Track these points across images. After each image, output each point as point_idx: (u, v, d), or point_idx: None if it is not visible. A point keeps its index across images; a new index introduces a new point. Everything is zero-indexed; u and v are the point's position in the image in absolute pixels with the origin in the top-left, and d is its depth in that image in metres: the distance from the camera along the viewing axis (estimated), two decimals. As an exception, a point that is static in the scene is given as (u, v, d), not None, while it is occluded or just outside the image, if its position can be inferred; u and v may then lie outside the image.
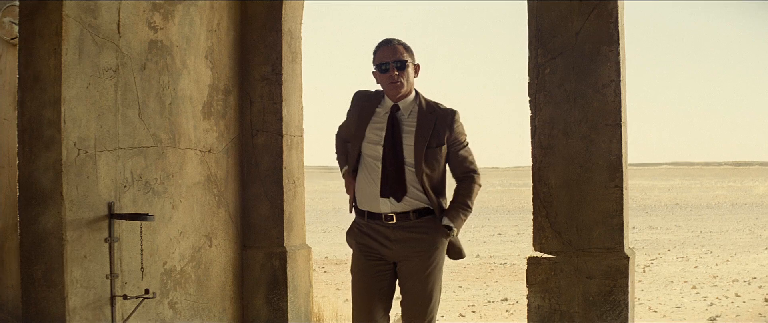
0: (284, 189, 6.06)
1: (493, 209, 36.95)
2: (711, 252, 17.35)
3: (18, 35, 4.80)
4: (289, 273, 6.02)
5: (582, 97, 5.31)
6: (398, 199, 4.40)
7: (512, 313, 9.60)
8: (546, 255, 5.39)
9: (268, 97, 6.07)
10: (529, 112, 5.50)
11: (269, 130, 6.07)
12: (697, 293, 11.22)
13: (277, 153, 6.06)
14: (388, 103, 4.54)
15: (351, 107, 4.63)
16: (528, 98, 5.49)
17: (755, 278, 12.66)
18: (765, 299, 10.37)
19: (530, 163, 5.57)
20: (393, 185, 4.40)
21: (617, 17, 5.34)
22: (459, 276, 13.26)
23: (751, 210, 38.05)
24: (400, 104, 4.50)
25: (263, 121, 6.08)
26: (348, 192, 4.62)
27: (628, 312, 5.31)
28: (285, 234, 6.06)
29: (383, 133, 4.46)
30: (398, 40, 4.58)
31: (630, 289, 5.35)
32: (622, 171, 5.31)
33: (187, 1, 5.56)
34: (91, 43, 4.74)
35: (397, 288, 4.64)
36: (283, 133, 6.06)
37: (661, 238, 21.44)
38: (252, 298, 6.09)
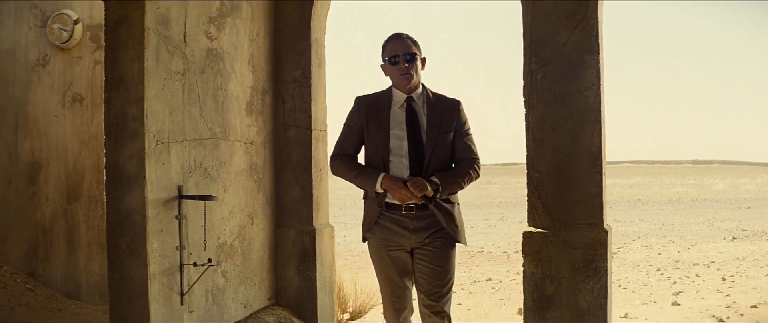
0: (312, 176, 7.04)
1: (464, 205, 38.01)
2: (673, 242, 18.52)
3: (64, 41, 5.60)
4: (317, 248, 7.00)
5: (568, 98, 6.33)
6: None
7: (497, 290, 10.64)
8: (538, 230, 6.41)
9: (298, 97, 7.05)
10: (524, 110, 6.52)
11: (299, 125, 7.04)
12: (662, 274, 12.35)
13: (307, 145, 7.04)
14: (401, 96, 4.75)
15: (356, 112, 4.79)
16: (522, 98, 6.51)
17: (714, 262, 13.83)
18: (722, 279, 11.51)
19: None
20: (417, 174, 4.58)
21: (598, 31, 6.38)
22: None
23: (710, 205, 39.38)
24: (414, 95, 4.73)
25: (294, 118, 7.05)
26: (396, 190, 4.57)
27: (607, 277, 6.36)
28: (313, 214, 7.04)
29: (405, 126, 4.65)
30: (406, 34, 4.77)
31: (609, 258, 6.40)
32: (601, 160, 6.35)
33: (234, 14, 6.51)
34: (164, 50, 5.68)
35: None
36: (312, 127, 7.04)
37: (626, 230, 22.58)
38: (285, 270, 7.06)
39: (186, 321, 5.83)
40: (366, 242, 4.88)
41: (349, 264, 13.19)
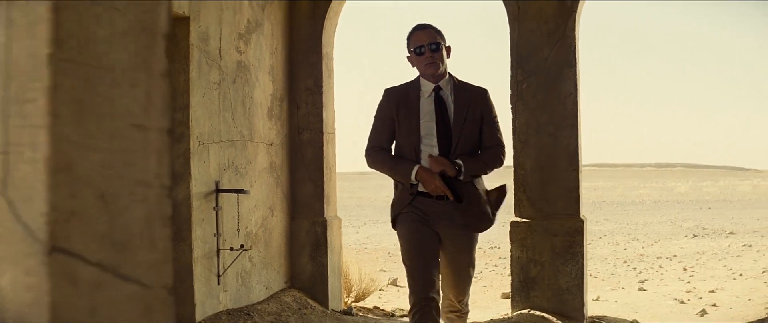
0: (324, 174, 7.95)
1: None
2: (638, 239, 19.60)
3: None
4: (328, 237, 7.91)
5: (549, 105, 7.30)
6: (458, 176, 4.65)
7: (479, 279, 11.63)
8: (524, 220, 7.37)
9: (311, 104, 7.96)
10: (511, 116, 7.48)
11: (312, 128, 7.96)
12: (628, 266, 13.39)
13: (319, 146, 7.95)
14: (429, 85, 4.80)
15: (386, 104, 4.85)
16: (510, 105, 7.49)
17: (676, 256, 14.91)
18: (683, 269, 12.57)
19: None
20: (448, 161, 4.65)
21: (575, 47, 7.37)
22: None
23: (673, 206, 40.67)
24: (441, 84, 4.80)
25: (308, 122, 7.96)
26: (430, 181, 4.66)
27: (583, 260, 7.35)
28: (324, 207, 7.96)
29: (434, 114, 4.73)
30: (430, 25, 4.86)
31: (585, 244, 7.39)
32: (578, 159, 7.34)
33: (258, 31, 7.42)
34: (204, 63, 6.57)
35: None
36: (323, 131, 7.96)
37: (592, 229, 23.65)
38: (299, 257, 7.97)
39: (222, 300, 6.72)
40: (395, 225, 4.85)
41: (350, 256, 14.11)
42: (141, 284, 1.32)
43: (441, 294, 4.81)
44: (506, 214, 6.70)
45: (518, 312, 7.33)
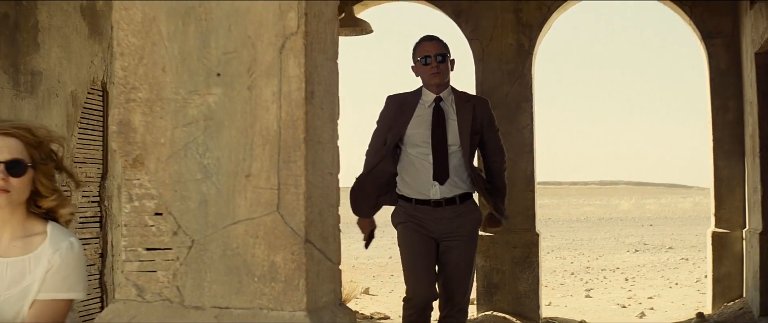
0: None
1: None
2: (583, 254, 20.91)
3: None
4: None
5: (510, 135, 8.48)
6: (442, 183, 4.73)
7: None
8: (488, 234, 8.54)
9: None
10: (476, 143, 8.65)
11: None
12: (575, 277, 14.64)
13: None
14: (430, 95, 4.82)
15: (387, 110, 4.88)
16: (475, 134, 8.65)
17: (619, 268, 16.22)
18: (625, 279, 13.85)
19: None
20: (441, 171, 4.72)
21: (531, 84, 8.58)
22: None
23: (616, 223, 42.32)
24: (443, 95, 4.82)
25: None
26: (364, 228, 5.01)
27: (538, 269, 8.54)
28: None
29: (430, 124, 4.76)
30: (437, 37, 4.91)
31: (539, 255, 8.58)
32: (533, 181, 8.53)
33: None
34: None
35: None
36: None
37: (541, 244, 25.05)
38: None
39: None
40: (397, 227, 4.93)
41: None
42: (332, 262, 2.41)
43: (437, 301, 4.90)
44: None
45: (483, 314, 8.48)
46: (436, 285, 4.82)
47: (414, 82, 5.63)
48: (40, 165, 2.47)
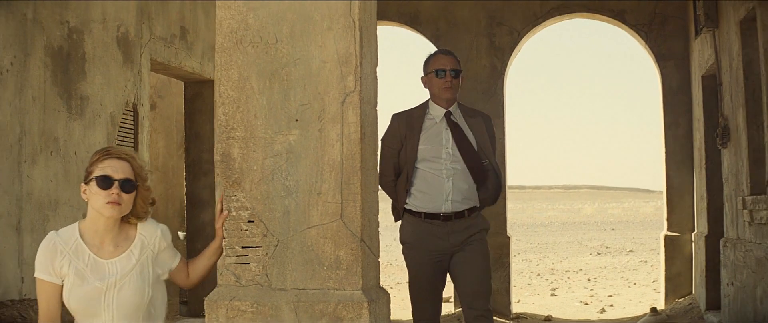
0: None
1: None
2: (548, 257, 21.96)
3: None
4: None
5: (484, 147, 9.44)
6: (479, 187, 4.70)
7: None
8: (465, 237, 9.47)
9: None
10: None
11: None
12: (541, 277, 15.65)
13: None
14: (438, 110, 4.74)
15: (395, 128, 4.77)
16: (453, 147, 9.59)
17: (582, 269, 17.27)
18: (588, 279, 14.89)
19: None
20: (479, 178, 4.68)
21: (503, 101, 9.53)
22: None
23: (579, 227, 43.58)
24: (451, 109, 4.76)
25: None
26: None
27: (509, 269, 9.49)
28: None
29: (443, 139, 4.68)
30: (453, 52, 4.90)
31: (510, 256, 9.53)
32: (505, 190, 9.48)
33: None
34: (222, 116, 8.51)
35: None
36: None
37: (508, 248, 26.09)
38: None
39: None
40: (404, 245, 4.85)
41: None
42: (375, 256, 3.32)
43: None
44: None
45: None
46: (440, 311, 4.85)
47: (393, 104, 6.19)
48: (140, 187, 3.28)
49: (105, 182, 3.08)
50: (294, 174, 3.19)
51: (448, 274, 4.77)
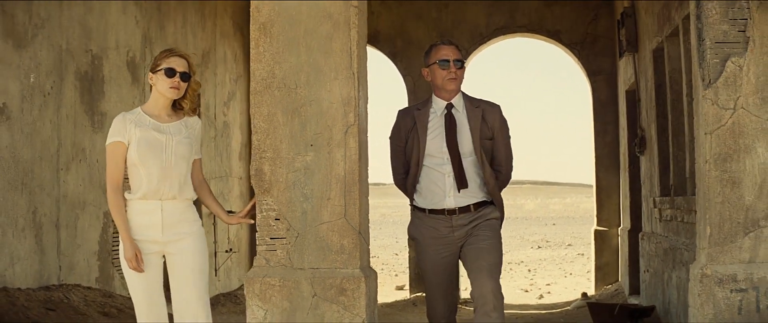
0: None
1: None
2: (492, 250, 23.34)
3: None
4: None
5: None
6: (459, 191, 4.52)
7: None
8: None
9: (267, 148, 11.09)
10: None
11: (268, 166, 11.08)
12: (486, 269, 16.99)
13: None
14: (441, 102, 4.68)
15: (402, 125, 4.70)
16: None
17: (523, 262, 18.64)
18: (528, 270, 16.25)
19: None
20: (460, 179, 4.51)
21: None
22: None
23: (521, 222, 45.14)
24: (454, 102, 4.66)
25: (264, 162, 11.08)
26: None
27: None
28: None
29: (443, 131, 4.59)
30: (455, 42, 4.78)
31: (460, 248, 10.76)
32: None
33: (233, 99, 10.46)
34: (207, 123, 9.58)
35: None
36: (275, 168, 11.09)
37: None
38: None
39: (217, 286, 9.73)
40: (413, 241, 4.80)
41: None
42: (366, 244, 4.51)
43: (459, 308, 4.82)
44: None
45: (414, 295, 10.61)
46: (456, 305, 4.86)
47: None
48: (192, 79, 4.15)
49: (170, 72, 4.08)
50: (310, 185, 4.37)
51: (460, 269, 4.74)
